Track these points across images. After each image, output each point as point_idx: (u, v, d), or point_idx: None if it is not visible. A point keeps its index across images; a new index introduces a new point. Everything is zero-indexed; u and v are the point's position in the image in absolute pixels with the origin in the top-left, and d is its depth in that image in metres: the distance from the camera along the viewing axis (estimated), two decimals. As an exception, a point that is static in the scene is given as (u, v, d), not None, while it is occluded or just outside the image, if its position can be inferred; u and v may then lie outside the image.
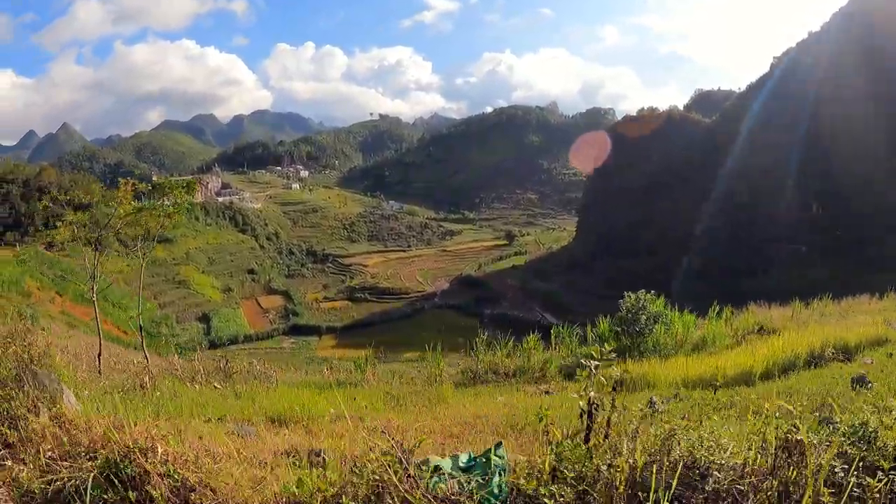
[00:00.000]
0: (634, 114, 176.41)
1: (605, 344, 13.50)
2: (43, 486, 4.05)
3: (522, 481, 3.58)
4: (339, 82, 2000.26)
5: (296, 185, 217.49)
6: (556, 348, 15.66)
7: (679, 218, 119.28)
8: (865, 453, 3.53)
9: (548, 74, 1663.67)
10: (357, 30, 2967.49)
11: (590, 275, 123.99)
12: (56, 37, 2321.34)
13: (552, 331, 16.38)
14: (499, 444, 4.62)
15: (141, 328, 18.35)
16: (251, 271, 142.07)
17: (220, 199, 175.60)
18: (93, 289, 14.45)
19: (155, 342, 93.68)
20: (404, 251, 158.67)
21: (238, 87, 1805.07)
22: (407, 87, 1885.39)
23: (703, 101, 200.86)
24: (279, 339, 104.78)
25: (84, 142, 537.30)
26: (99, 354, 14.13)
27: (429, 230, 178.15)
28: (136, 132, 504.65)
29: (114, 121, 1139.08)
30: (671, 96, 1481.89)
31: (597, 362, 4.06)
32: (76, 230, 16.56)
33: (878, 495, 3.20)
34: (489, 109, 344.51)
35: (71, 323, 79.12)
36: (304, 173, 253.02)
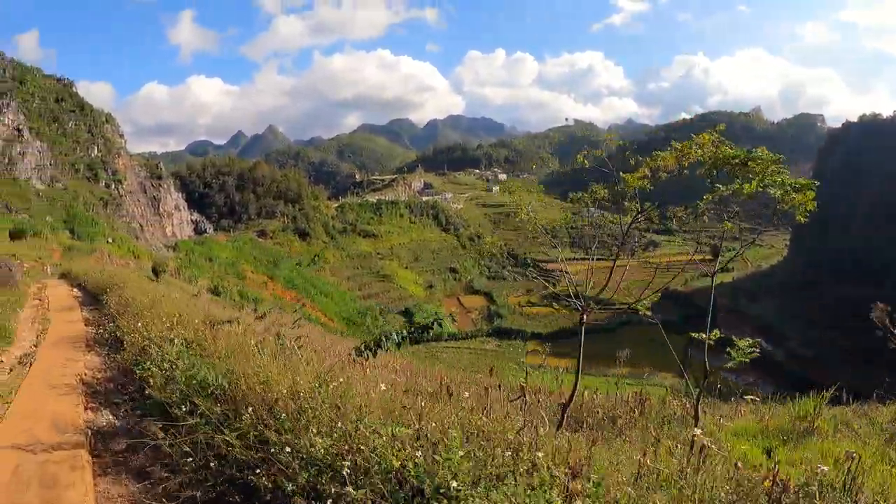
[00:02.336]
0: (854, 119, 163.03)
1: None
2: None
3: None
4: (530, 88, 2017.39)
5: (495, 188, 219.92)
6: None
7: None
8: None
9: (745, 77, 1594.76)
10: (547, 35, 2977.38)
11: (804, 299, 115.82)
12: (259, 49, 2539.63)
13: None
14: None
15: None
16: (453, 270, 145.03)
17: (424, 199, 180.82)
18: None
19: (359, 331, 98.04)
20: (607, 260, 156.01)
21: (432, 93, 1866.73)
22: (599, 92, 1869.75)
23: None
24: (482, 340, 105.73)
25: (288, 142, 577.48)
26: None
27: (632, 240, 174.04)
28: (336, 135, 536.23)
29: (315, 123, 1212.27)
30: (882, 100, 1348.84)
31: None
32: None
33: None
34: (685, 116, 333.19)
35: (280, 307, 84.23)
36: (503, 176, 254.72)
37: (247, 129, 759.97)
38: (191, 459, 5.34)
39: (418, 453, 4.25)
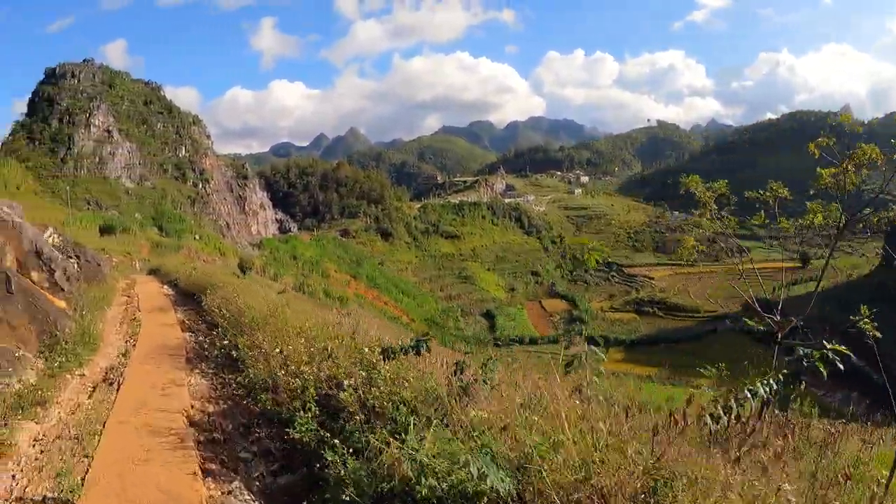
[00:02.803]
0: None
1: None
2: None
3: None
4: (611, 88, 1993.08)
5: (578, 191, 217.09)
6: None
7: None
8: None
9: (831, 75, 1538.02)
10: (626, 35, 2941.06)
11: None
12: (340, 53, 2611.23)
13: None
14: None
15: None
16: (535, 273, 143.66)
17: (507, 201, 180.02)
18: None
19: (442, 333, 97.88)
20: (691, 266, 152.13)
21: (511, 95, 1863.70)
22: (680, 92, 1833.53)
23: None
24: (565, 345, 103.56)
25: (369, 144, 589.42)
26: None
27: (717, 245, 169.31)
28: (416, 136, 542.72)
29: (395, 125, 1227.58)
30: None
31: None
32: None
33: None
34: (770, 115, 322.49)
35: (362, 305, 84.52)
36: (585, 179, 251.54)
37: (328, 132, 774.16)
38: None
39: None
